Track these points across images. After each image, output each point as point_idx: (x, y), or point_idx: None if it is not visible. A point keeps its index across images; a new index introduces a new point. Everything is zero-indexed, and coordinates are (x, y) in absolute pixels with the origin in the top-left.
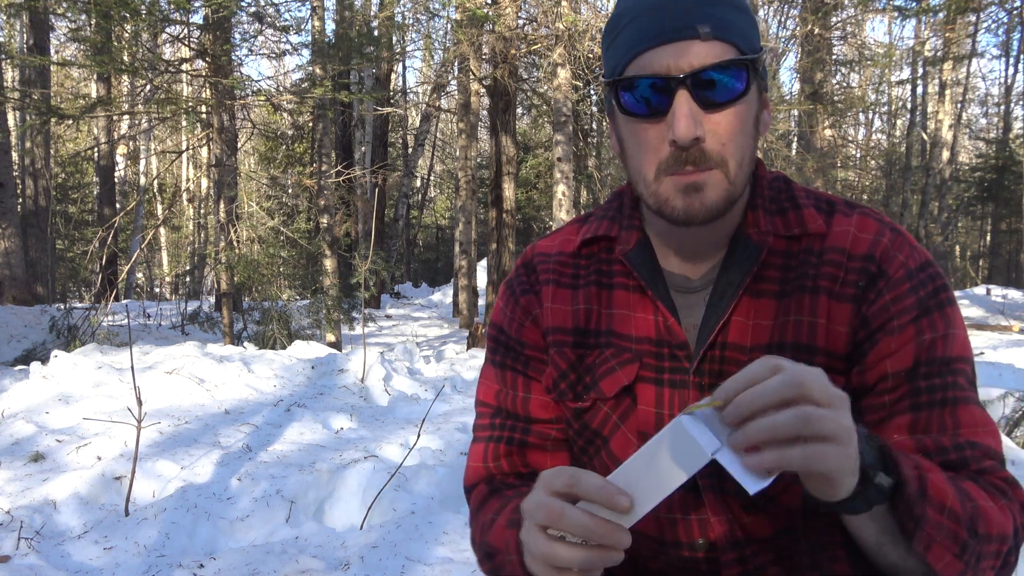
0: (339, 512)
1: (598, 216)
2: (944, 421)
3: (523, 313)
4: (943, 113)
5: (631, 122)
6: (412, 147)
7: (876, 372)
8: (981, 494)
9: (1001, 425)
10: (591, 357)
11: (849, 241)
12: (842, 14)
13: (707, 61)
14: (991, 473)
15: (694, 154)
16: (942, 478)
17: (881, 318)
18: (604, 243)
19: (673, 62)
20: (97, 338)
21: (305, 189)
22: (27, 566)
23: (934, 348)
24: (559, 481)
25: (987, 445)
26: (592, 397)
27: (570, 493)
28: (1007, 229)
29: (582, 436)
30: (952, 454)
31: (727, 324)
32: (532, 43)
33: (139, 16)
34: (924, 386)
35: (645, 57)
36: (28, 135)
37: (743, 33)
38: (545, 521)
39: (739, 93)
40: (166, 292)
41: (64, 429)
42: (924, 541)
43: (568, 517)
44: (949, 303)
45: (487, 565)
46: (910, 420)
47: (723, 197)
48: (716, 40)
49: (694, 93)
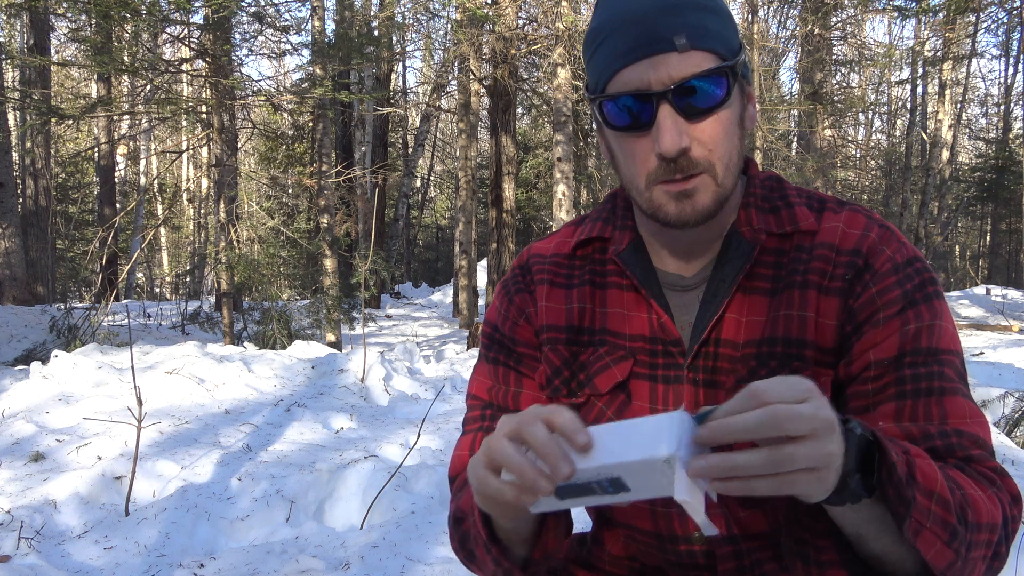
0: (339, 512)
1: (592, 218)
2: (930, 410)
3: (517, 311)
4: (943, 113)
5: (618, 136)
6: (412, 147)
7: (860, 362)
8: (969, 483)
9: (1001, 425)
10: (585, 355)
11: (838, 236)
12: (842, 14)
13: (686, 72)
14: (979, 462)
15: (682, 163)
16: (931, 464)
17: (867, 310)
18: (598, 244)
19: (653, 76)
20: (97, 338)
21: (305, 189)
22: (27, 566)
23: (919, 338)
24: (530, 413)
25: (974, 434)
26: (586, 393)
27: (545, 420)
28: (1007, 229)
29: None
30: (938, 440)
31: (720, 321)
32: (532, 43)
33: (139, 16)
34: (909, 375)
35: (624, 73)
36: (28, 135)
37: (720, 37)
38: (490, 451)
39: (721, 100)
40: (166, 292)
41: (64, 429)
42: (913, 527)
43: (503, 451)
44: (936, 296)
45: (456, 534)
46: (895, 408)
47: (713, 199)
48: (693, 50)
49: (676, 105)
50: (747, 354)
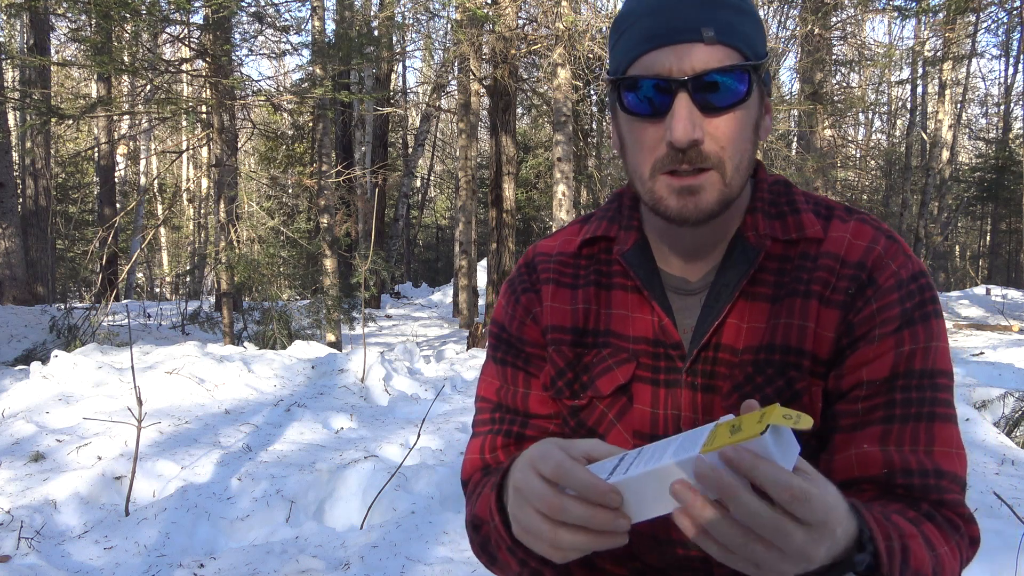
0: (339, 512)
1: (598, 217)
2: (918, 435)
3: (524, 311)
4: (943, 113)
5: (631, 121)
6: (412, 147)
7: (852, 378)
8: (939, 539)
9: (1001, 425)
10: (589, 356)
11: (844, 247)
12: (842, 14)
13: (709, 65)
14: (951, 507)
15: (691, 155)
16: (919, 544)
17: (865, 326)
18: (603, 243)
19: (675, 64)
20: (97, 338)
21: (305, 189)
22: (27, 566)
23: (913, 359)
24: (547, 468)
25: (953, 472)
26: (589, 395)
27: (558, 483)
28: (1007, 229)
29: (577, 434)
30: (916, 479)
31: (721, 326)
32: (532, 43)
33: (139, 16)
34: (900, 399)
35: (648, 58)
36: (28, 135)
37: (748, 38)
38: (546, 512)
39: (740, 98)
40: (166, 292)
41: (64, 429)
42: None
43: (568, 511)
44: (935, 315)
45: (475, 538)
46: (881, 431)
47: (718, 199)
48: (720, 44)
49: (694, 96)
50: (744, 360)
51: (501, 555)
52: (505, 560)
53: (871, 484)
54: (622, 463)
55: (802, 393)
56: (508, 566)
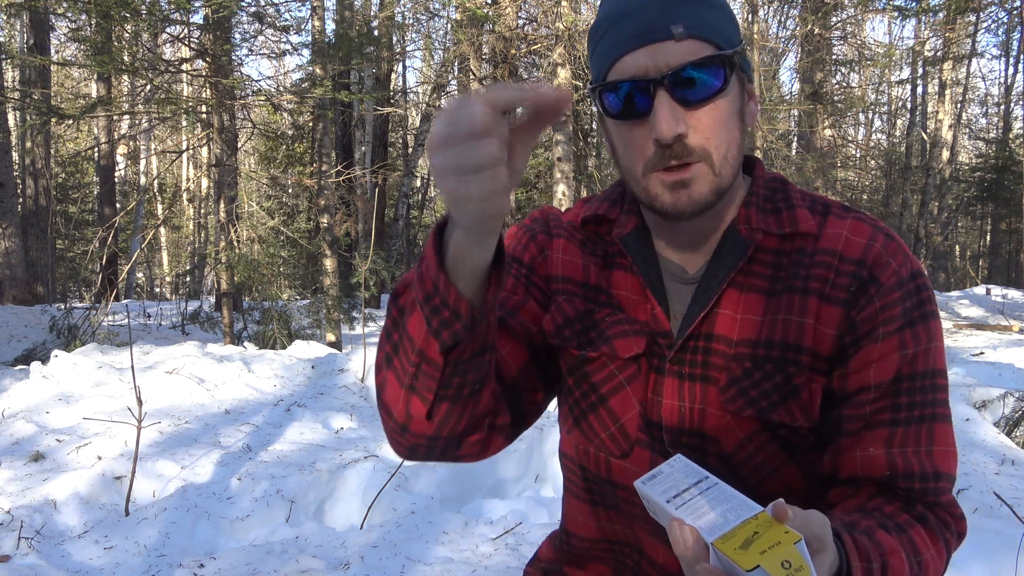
0: (339, 512)
1: (601, 198)
2: (920, 437)
3: (537, 248)
4: (943, 113)
5: (618, 125)
6: (412, 147)
7: (858, 380)
8: (927, 543)
9: (1001, 425)
10: (601, 314)
11: (841, 244)
12: (842, 14)
13: (683, 60)
14: (945, 508)
15: (677, 149)
16: (901, 558)
17: (869, 324)
18: (606, 225)
19: (650, 64)
20: (97, 338)
21: (305, 189)
22: (27, 566)
23: (916, 362)
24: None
25: (949, 473)
26: (602, 351)
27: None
28: (1007, 229)
29: (579, 387)
30: (916, 483)
31: (711, 316)
32: (532, 43)
33: (139, 16)
34: (905, 402)
35: (623, 61)
36: (28, 135)
37: (719, 29)
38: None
39: (717, 89)
40: (166, 292)
41: (64, 429)
42: None
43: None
44: (932, 316)
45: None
46: (887, 434)
47: (710, 190)
48: (691, 39)
49: (673, 92)
50: (741, 353)
51: (410, 322)
52: (413, 328)
53: (872, 483)
54: (694, 486)
55: (800, 389)
56: (411, 341)
